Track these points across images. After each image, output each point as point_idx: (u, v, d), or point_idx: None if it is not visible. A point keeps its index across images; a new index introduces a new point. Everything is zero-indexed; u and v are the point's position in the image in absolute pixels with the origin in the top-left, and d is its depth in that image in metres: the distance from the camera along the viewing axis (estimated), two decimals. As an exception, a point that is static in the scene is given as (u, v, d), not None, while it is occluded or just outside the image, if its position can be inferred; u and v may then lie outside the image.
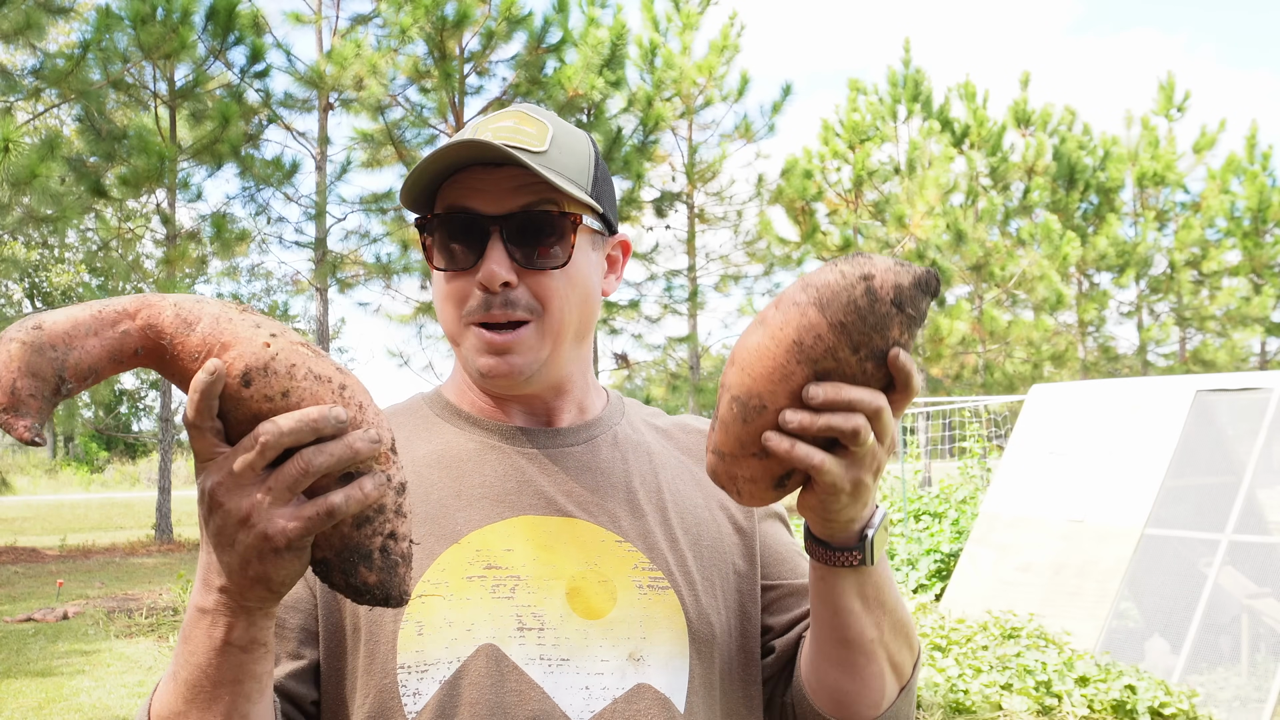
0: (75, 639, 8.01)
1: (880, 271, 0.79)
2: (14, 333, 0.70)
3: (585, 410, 1.13)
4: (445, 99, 15.64)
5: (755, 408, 0.82)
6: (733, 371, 0.83)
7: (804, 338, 0.79)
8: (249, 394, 0.73)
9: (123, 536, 16.13)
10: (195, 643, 0.80)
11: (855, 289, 0.79)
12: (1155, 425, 6.80)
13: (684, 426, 1.21)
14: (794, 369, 0.80)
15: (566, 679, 0.97)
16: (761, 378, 0.81)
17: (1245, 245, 24.63)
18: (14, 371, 0.69)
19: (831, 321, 0.79)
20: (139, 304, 0.74)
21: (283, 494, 0.72)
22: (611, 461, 1.10)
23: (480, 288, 1.01)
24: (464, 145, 0.97)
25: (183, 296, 0.76)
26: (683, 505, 1.10)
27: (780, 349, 0.80)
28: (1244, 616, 5.82)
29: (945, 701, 5.39)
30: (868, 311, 0.79)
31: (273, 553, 0.73)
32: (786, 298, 0.82)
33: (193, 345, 0.73)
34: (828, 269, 0.81)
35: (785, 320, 0.80)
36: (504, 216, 1.00)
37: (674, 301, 19.73)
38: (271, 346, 0.73)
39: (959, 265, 21.89)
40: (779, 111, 19.52)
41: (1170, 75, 25.73)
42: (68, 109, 14.64)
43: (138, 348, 0.73)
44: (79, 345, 0.71)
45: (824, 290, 0.79)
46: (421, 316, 17.12)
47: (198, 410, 0.72)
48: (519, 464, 1.06)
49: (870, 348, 0.80)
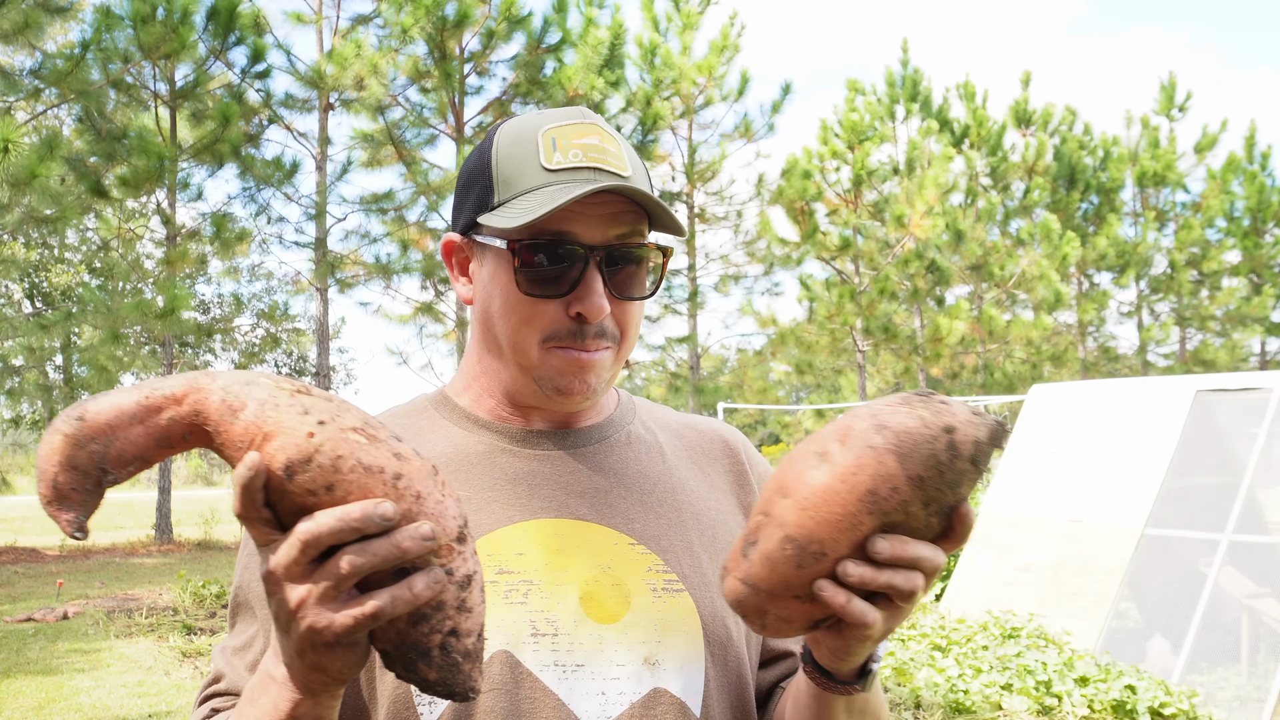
0: (75, 639, 8.01)
1: (961, 424, 0.75)
2: (59, 424, 0.70)
3: (600, 410, 1.13)
4: (445, 99, 15.64)
5: (814, 554, 0.76)
6: (789, 508, 0.77)
7: (880, 488, 0.74)
8: (292, 487, 0.70)
9: (123, 536, 16.14)
10: (263, 709, 0.81)
11: (938, 442, 0.74)
12: (1155, 425, 6.80)
13: (693, 426, 1.20)
14: (863, 519, 0.75)
15: (582, 685, 0.96)
16: (826, 524, 0.76)
17: (1245, 245, 24.64)
18: (55, 466, 0.69)
19: (910, 474, 0.74)
20: (187, 388, 0.72)
21: (328, 592, 0.70)
22: (624, 462, 1.09)
23: (577, 317, 0.99)
24: (589, 174, 0.98)
25: (234, 378, 0.73)
26: (696, 506, 1.10)
27: (852, 497, 0.75)
28: (1244, 616, 5.83)
29: (945, 701, 5.39)
30: (948, 467, 0.74)
31: (324, 646, 0.72)
32: (858, 437, 0.76)
33: (237, 435, 0.71)
34: (905, 411, 0.76)
35: (859, 466, 0.75)
36: (604, 246, 0.99)
37: (674, 301, 19.73)
38: (316, 437, 0.70)
39: (959, 265, 21.89)
40: (779, 111, 19.53)
41: (1171, 75, 25.74)
42: (67, 109, 14.63)
43: (185, 434, 0.72)
44: (122, 435, 0.70)
45: (904, 439, 0.74)
46: (421, 316, 17.11)
47: (242, 504, 0.71)
48: (530, 466, 1.05)
49: (940, 503, 0.76)
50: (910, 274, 20.67)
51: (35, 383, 16.55)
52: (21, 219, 12.89)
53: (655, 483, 1.09)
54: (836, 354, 21.86)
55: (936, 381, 22.05)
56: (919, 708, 5.42)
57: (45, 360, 19.80)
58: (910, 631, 6.69)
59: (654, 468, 1.10)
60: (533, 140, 1.01)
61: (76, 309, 14.32)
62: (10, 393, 16.81)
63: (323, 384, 16.08)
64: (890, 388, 23.78)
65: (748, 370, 25.10)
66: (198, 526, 16.51)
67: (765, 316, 21.77)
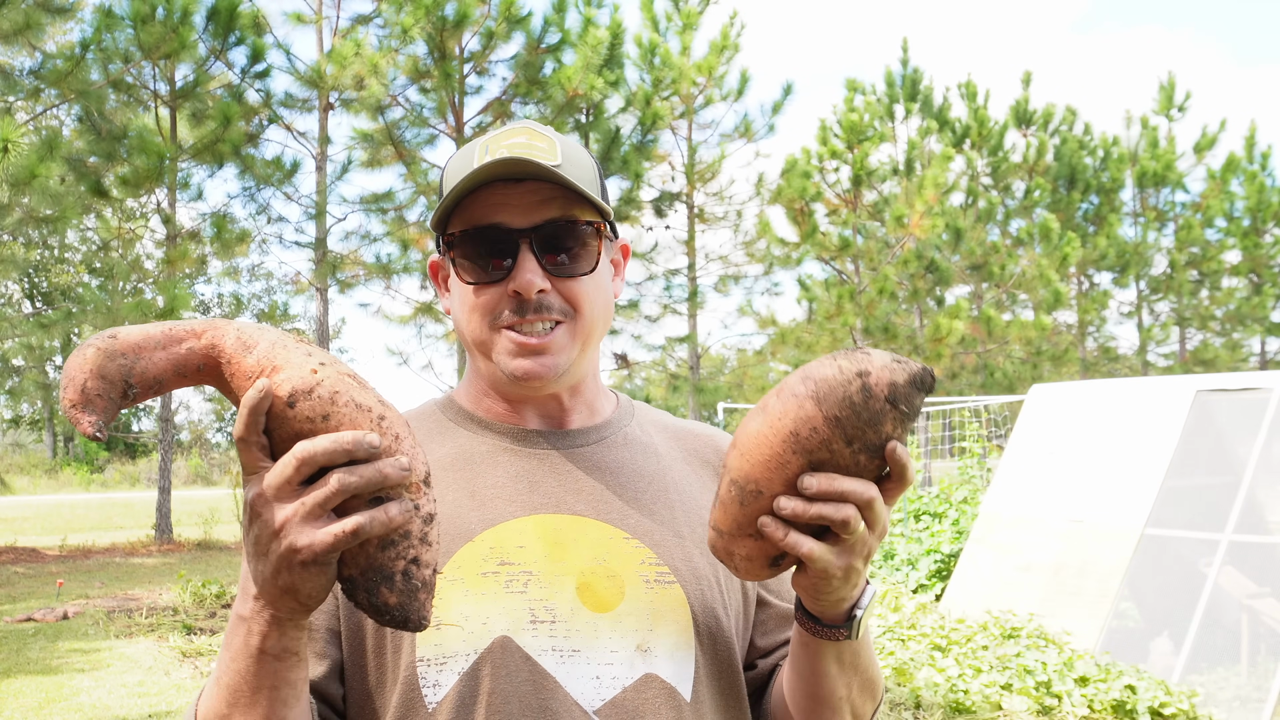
0: (75, 639, 8.01)
1: (876, 369, 0.82)
2: (92, 340, 0.78)
3: (595, 412, 1.19)
4: (445, 99, 15.64)
5: (752, 493, 0.86)
6: (733, 455, 0.87)
7: (800, 429, 0.83)
8: (292, 414, 0.78)
9: (123, 536, 16.13)
10: (234, 649, 0.86)
11: (851, 385, 0.82)
12: (1155, 425, 6.80)
13: (691, 431, 1.26)
14: (790, 459, 0.84)
15: (578, 669, 1.01)
16: (759, 464, 0.85)
17: (1245, 245, 24.63)
18: (85, 372, 0.76)
19: (827, 415, 0.82)
20: (206, 325, 0.81)
21: (313, 510, 0.77)
22: (621, 462, 1.15)
23: (514, 295, 1.06)
24: (500, 163, 1.02)
25: (246, 323, 0.83)
26: (689, 505, 1.15)
27: (778, 438, 0.84)
28: (1244, 616, 5.82)
29: (945, 701, 5.39)
30: (862, 407, 0.82)
31: (300, 565, 0.78)
32: (787, 388, 0.85)
33: (249, 366, 0.80)
34: (827, 362, 0.84)
35: (784, 410, 0.84)
36: (533, 228, 1.06)
37: (673, 301, 19.73)
38: (318, 374, 0.79)
39: (959, 265, 21.89)
40: (779, 111, 19.52)
41: (1171, 75, 25.74)
42: (67, 109, 14.63)
43: (200, 364, 0.80)
44: (147, 356, 0.79)
45: (821, 384, 0.83)
46: (421, 316, 17.11)
47: (245, 425, 0.78)
48: (531, 465, 1.11)
49: (864, 441, 0.83)
50: (910, 274, 20.67)
51: (35, 382, 16.54)
52: (21, 219, 12.88)
53: (650, 481, 1.14)
54: (836, 354, 21.83)
55: (937, 382, 22.02)
56: (919, 708, 5.42)
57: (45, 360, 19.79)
58: (910, 631, 6.69)
59: (649, 467, 1.16)
60: (471, 151, 1.10)
61: (76, 309, 14.31)
62: (10, 393, 16.81)
63: (323, 384, 16.07)
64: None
65: (748, 370, 25.10)
66: (198, 526, 16.50)
67: (765, 317, 21.76)
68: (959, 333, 20.06)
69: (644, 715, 1.02)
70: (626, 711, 1.01)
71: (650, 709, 1.02)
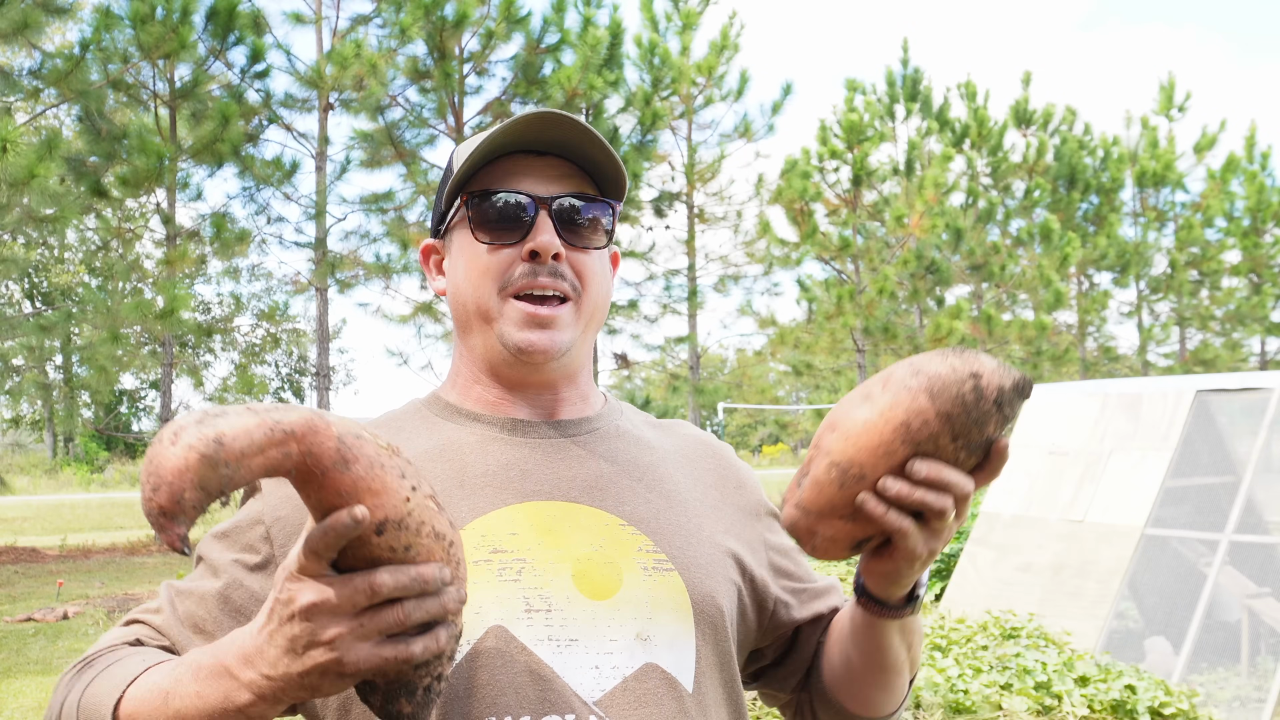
0: (75, 639, 8.01)
1: (988, 371, 0.87)
2: (192, 438, 0.70)
3: (587, 403, 1.17)
4: (444, 99, 15.64)
5: (855, 475, 0.89)
6: (834, 438, 0.90)
7: (912, 420, 0.87)
8: (377, 541, 0.78)
9: (123, 536, 16.13)
10: (208, 691, 0.84)
11: (964, 384, 0.86)
12: (1155, 425, 6.79)
13: (677, 429, 1.25)
14: (897, 447, 0.87)
15: (576, 659, 0.99)
16: (865, 449, 0.88)
17: (1245, 245, 24.63)
18: (186, 482, 0.70)
19: (939, 410, 0.86)
20: (306, 427, 0.75)
21: (371, 634, 0.78)
22: (614, 451, 1.13)
23: (529, 256, 1.06)
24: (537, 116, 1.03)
25: (347, 428, 0.78)
26: (683, 495, 1.14)
27: (888, 427, 0.87)
28: (1244, 616, 5.82)
29: (945, 701, 5.39)
30: (973, 406, 0.86)
31: (337, 676, 0.79)
32: (897, 379, 0.88)
33: (345, 485, 0.76)
34: (939, 359, 0.88)
35: (895, 401, 0.87)
36: (554, 197, 1.07)
37: (673, 301, 19.72)
38: (410, 502, 0.79)
39: (959, 265, 21.89)
40: (779, 111, 19.51)
41: (1170, 75, 25.74)
42: (67, 109, 14.63)
43: (293, 469, 0.76)
44: (246, 464, 0.72)
45: (935, 380, 0.86)
46: (421, 316, 17.10)
47: (328, 544, 0.77)
48: (522, 453, 1.09)
49: (967, 438, 0.87)
50: (910, 274, 20.66)
51: (35, 382, 16.54)
52: (21, 219, 12.88)
53: (644, 470, 1.13)
54: (836, 354, 21.85)
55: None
56: (919, 708, 5.42)
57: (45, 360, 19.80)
58: (910, 631, 6.68)
59: (643, 457, 1.14)
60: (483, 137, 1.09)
61: (76, 309, 14.31)
62: (10, 393, 16.80)
63: (323, 384, 16.08)
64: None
65: (747, 370, 25.10)
66: (198, 526, 16.50)
67: (765, 317, 21.76)
68: (959, 333, 20.06)
69: (645, 706, 0.99)
70: (627, 702, 0.98)
71: (652, 699, 0.99)
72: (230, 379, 21.69)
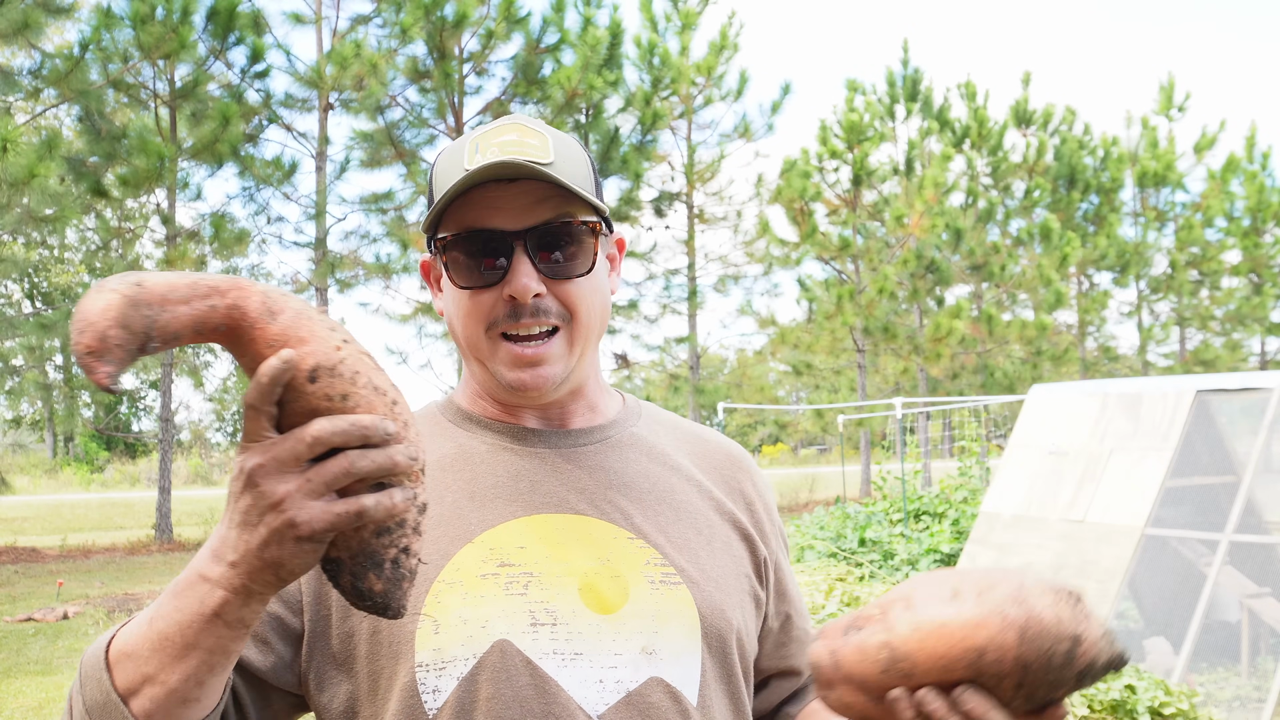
0: (75, 639, 8.01)
1: (1089, 641, 0.80)
2: (115, 284, 0.74)
3: (598, 412, 1.15)
4: (444, 99, 15.64)
5: (902, 670, 0.82)
6: (904, 620, 0.83)
7: (989, 652, 0.80)
8: (312, 389, 0.77)
9: (123, 536, 16.13)
10: (184, 602, 0.82)
11: (1061, 644, 0.79)
12: (1155, 425, 6.80)
13: (701, 436, 1.23)
14: (960, 669, 0.81)
15: (580, 673, 0.98)
16: (927, 652, 0.82)
17: (1245, 245, 24.64)
18: (109, 320, 0.72)
19: (1020, 656, 0.79)
20: (231, 284, 0.78)
21: (319, 488, 0.76)
22: (624, 461, 1.12)
23: (509, 300, 1.03)
24: (491, 167, 0.99)
25: (272, 288, 0.80)
26: (694, 508, 1.12)
27: (960, 645, 0.80)
28: (1244, 616, 5.82)
29: (945, 701, 5.39)
30: (1056, 669, 0.79)
31: (294, 540, 0.76)
32: (996, 599, 0.81)
33: (272, 333, 0.77)
34: (1048, 600, 0.81)
35: (982, 622, 0.80)
36: (527, 230, 1.03)
37: (673, 301, 19.73)
38: (342, 351, 0.78)
39: (959, 265, 21.89)
40: (778, 111, 19.53)
41: (1170, 75, 25.75)
42: (67, 109, 14.63)
43: (221, 323, 0.77)
44: (170, 309, 0.75)
45: (1033, 624, 0.79)
46: (421, 316, 17.12)
47: (261, 393, 0.76)
48: (531, 464, 1.08)
49: (1032, 691, 0.81)
50: (910, 274, 20.66)
51: (35, 383, 16.54)
52: (21, 219, 12.88)
53: (654, 482, 1.11)
54: (836, 354, 21.86)
55: (937, 381, 22.04)
56: (919, 708, 5.42)
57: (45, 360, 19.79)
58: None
59: (654, 469, 1.13)
60: (460, 150, 1.06)
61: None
62: (10, 393, 16.80)
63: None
64: (890, 387, 23.77)
65: (747, 370, 25.11)
66: (198, 526, 16.50)
67: (765, 317, 21.77)
68: (959, 333, 20.07)
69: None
70: (630, 716, 0.98)
71: (655, 713, 0.99)
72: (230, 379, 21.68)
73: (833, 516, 11.83)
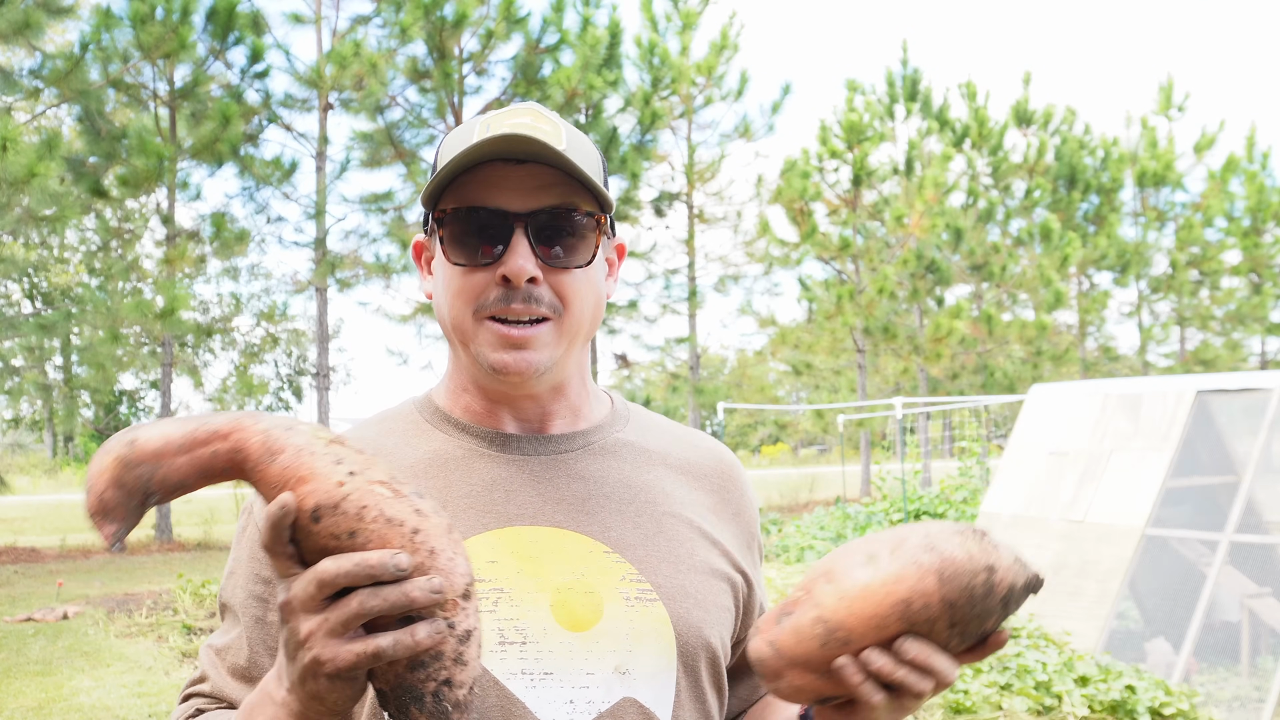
0: (75, 639, 8.01)
1: (1003, 567, 0.83)
2: (111, 444, 0.78)
3: (580, 416, 1.11)
4: (444, 99, 15.64)
5: (840, 639, 0.85)
6: (828, 592, 0.86)
7: (914, 600, 0.83)
8: (317, 529, 0.77)
9: (122, 536, 16.10)
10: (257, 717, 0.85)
11: (977, 576, 0.82)
12: (1155, 425, 6.79)
13: (691, 442, 1.19)
14: (892, 622, 0.83)
15: (550, 693, 0.95)
16: (857, 615, 0.84)
17: (1245, 245, 24.64)
18: (104, 483, 0.77)
19: (944, 596, 0.82)
20: (232, 426, 0.79)
21: (337, 627, 0.76)
22: (605, 470, 1.08)
23: (502, 281, 0.99)
24: (502, 139, 0.96)
25: (276, 422, 0.80)
26: (677, 518, 1.09)
27: (887, 601, 0.83)
28: (1244, 616, 5.82)
29: (945, 702, 5.39)
30: (979, 601, 0.83)
31: (325, 676, 0.77)
32: (908, 551, 0.84)
33: (273, 475, 0.78)
34: (957, 540, 0.84)
35: (901, 575, 0.83)
36: (530, 213, 0.99)
37: (673, 301, 19.73)
38: (345, 486, 0.77)
39: (959, 265, 21.89)
40: (778, 111, 19.53)
41: (1170, 76, 25.76)
42: (67, 109, 14.63)
43: (225, 467, 0.79)
44: (167, 463, 0.77)
45: (947, 564, 0.82)
46: (421, 316, 17.12)
47: (269, 538, 0.77)
48: (508, 472, 1.05)
49: (964, 628, 0.84)
50: (910, 274, 20.66)
51: (35, 383, 16.53)
52: (21, 219, 12.88)
53: (636, 492, 1.08)
54: (836, 354, 21.86)
55: (937, 381, 22.05)
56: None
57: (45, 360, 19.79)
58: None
59: (636, 477, 1.09)
60: (471, 127, 1.03)
61: (76, 309, 14.31)
62: (10, 393, 16.80)
63: (323, 384, 16.08)
64: (890, 387, 23.77)
65: (747, 370, 25.12)
66: (198, 526, 16.51)
67: (765, 317, 21.78)
68: (959, 333, 20.07)
69: None
70: None
71: None
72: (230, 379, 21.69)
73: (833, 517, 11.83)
